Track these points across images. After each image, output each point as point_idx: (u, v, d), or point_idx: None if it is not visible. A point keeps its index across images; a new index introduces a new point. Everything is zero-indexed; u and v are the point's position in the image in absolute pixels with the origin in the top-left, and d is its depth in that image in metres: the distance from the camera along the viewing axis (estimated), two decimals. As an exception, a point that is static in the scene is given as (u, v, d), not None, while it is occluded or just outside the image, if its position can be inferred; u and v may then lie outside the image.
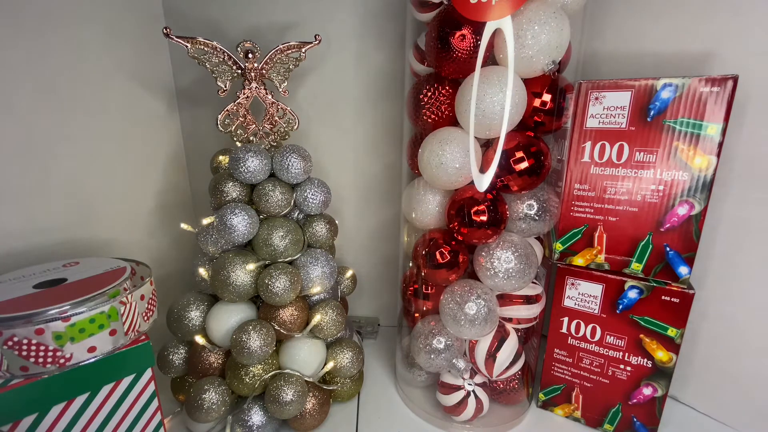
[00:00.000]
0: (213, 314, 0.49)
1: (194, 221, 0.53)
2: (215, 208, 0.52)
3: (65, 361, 0.36)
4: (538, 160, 0.43)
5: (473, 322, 0.45)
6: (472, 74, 0.41)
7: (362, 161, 0.69)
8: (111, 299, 0.38)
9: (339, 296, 0.60)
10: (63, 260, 0.46)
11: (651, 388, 0.48)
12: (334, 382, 0.55)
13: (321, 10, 0.62)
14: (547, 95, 0.43)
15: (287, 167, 0.50)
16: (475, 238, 0.45)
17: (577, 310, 0.51)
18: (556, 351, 0.53)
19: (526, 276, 0.45)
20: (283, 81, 0.55)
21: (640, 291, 0.47)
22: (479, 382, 0.51)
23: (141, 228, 0.62)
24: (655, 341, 0.47)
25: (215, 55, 0.50)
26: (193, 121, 0.69)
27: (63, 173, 0.50)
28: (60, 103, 0.49)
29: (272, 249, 0.49)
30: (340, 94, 0.66)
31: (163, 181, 0.66)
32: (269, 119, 0.55)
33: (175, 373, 0.52)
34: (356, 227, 0.72)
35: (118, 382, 0.40)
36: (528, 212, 0.45)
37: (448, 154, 0.43)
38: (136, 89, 0.60)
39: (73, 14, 0.50)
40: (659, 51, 0.51)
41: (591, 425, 0.53)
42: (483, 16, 0.39)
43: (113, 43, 0.56)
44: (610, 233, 0.48)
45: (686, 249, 0.44)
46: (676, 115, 0.42)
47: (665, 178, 0.44)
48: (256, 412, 0.49)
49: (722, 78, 0.40)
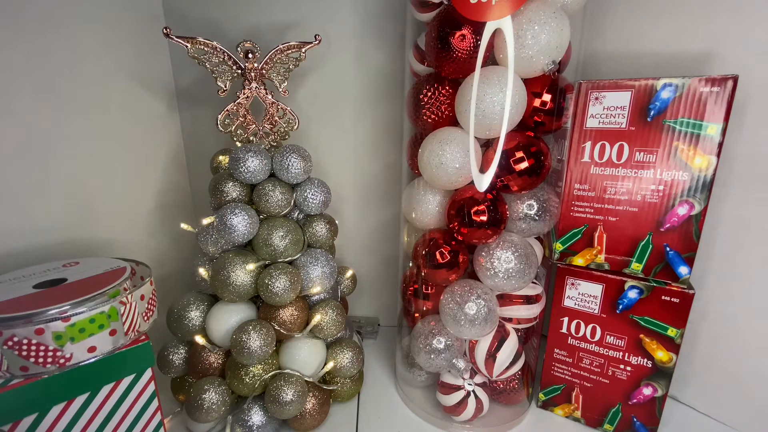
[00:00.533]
0: (213, 314, 0.49)
1: (194, 221, 0.53)
2: (215, 208, 0.52)
3: (65, 361, 0.36)
4: (538, 160, 0.43)
5: (473, 322, 0.45)
6: (472, 74, 0.41)
7: (362, 161, 0.69)
8: (111, 299, 0.38)
9: (339, 296, 0.60)
10: (63, 260, 0.46)
11: (651, 388, 0.48)
12: (334, 382, 0.55)
13: (321, 10, 0.62)
14: (547, 95, 0.43)
15: (287, 167, 0.50)
16: (475, 238, 0.45)
17: (577, 310, 0.51)
18: (556, 351, 0.53)
19: (526, 276, 0.45)
20: (283, 81, 0.55)
21: (640, 291, 0.47)
22: (479, 382, 0.51)
23: (141, 228, 0.62)
24: (655, 341, 0.47)
25: (215, 55, 0.50)
26: (193, 121, 0.69)
27: (63, 173, 0.50)
28: (60, 103, 0.49)
29: (272, 249, 0.49)
30: (340, 94, 0.66)
31: (163, 181, 0.66)
32: (269, 119, 0.55)
33: (175, 373, 0.52)
34: (356, 227, 0.72)
35: (118, 382, 0.40)
36: (528, 212, 0.45)
37: (448, 154, 0.43)
38: (136, 89, 0.60)
39: (73, 14, 0.50)
40: (659, 51, 0.51)
41: (591, 425, 0.53)
42: (483, 16, 0.39)
43: (113, 43, 0.56)
44: (610, 233, 0.48)
45: (686, 249, 0.44)
46: (676, 115, 0.42)
47: (665, 178, 0.44)
48: (256, 412, 0.49)
49: (722, 78, 0.40)
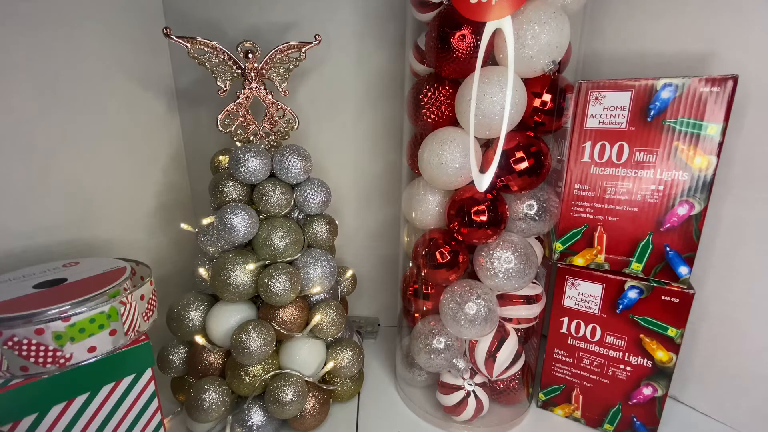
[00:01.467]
0: (213, 314, 0.49)
1: (194, 221, 0.53)
2: (215, 208, 0.52)
3: (65, 361, 0.36)
4: (538, 160, 0.43)
5: (473, 322, 0.45)
6: (472, 74, 0.41)
7: (362, 161, 0.69)
8: (111, 299, 0.38)
9: (339, 296, 0.60)
10: (63, 260, 0.46)
11: (651, 388, 0.48)
12: (334, 382, 0.55)
13: (321, 10, 0.62)
14: (547, 95, 0.43)
15: (287, 167, 0.50)
16: (475, 238, 0.45)
17: (577, 310, 0.51)
18: (556, 351, 0.53)
19: (526, 276, 0.45)
20: (283, 81, 0.55)
21: (640, 291, 0.47)
22: (479, 382, 0.51)
23: (141, 228, 0.62)
24: (655, 341, 0.47)
25: (215, 55, 0.50)
26: (193, 121, 0.69)
27: (63, 173, 0.50)
28: (60, 103, 0.49)
29: (272, 249, 0.49)
30: (340, 94, 0.66)
31: (163, 181, 0.66)
32: (269, 119, 0.55)
33: (175, 373, 0.52)
34: (356, 227, 0.72)
35: (118, 382, 0.40)
36: (528, 212, 0.45)
37: (448, 154, 0.43)
38: (136, 89, 0.60)
39: (74, 14, 0.50)
40: (659, 51, 0.51)
41: (591, 425, 0.53)
42: (483, 16, 0.39)
43: (113, 43, 0.56)
44: (610, 233, 0.48)
45: (686, 249, 0.44)
46: (676, 115, 0.42)
47: (665, 178, 0.44)
48: (256, 412, 0.49)
49: (722, 78, 0.40)
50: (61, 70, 0.49)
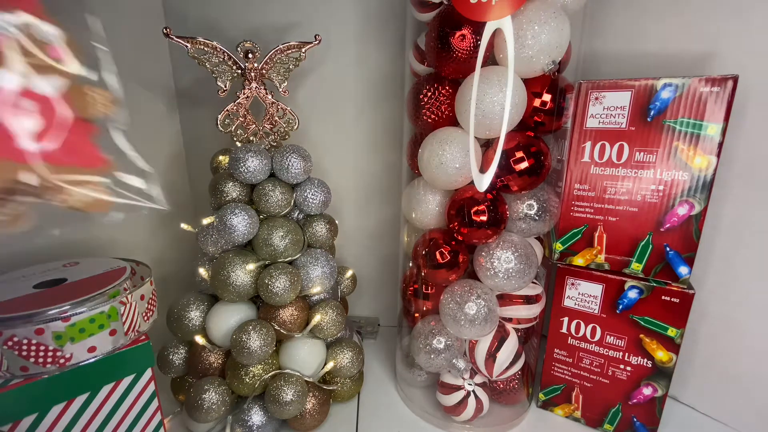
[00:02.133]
0: (213, 314, 0.49)
1: (194, 221, 0.53)
2: (215, 208, 0.52)
3: (65, 361, 0.36)
4: (538, 160, 0.43)
5: (473, 322, 0.45)
6: (472, 74, 0.41)
7: (362, 161, 0.69)
8: (111, 299, 0.38)
9: (339, 296, 0.60)
10: (63, 260, 0.46)
11: (651, 388, 0.48)
12: (334, 382, 0.55)
13: (321, 11, 0.62)
14: (547, 95, 0.43)
15: (287, 167, 0.50)
16: (475, 238, 0.45)
17: (577, 310, 0.51)
18: (556, 351, 0.53)
19: (526, 276, 0.45)
20: (283, 81, 0.55)
21: (640, 291, 0.47)
22: (479, 382, 0.51)
23: (141, 228, 0.62)
24: (655, 341, 0.47)
25: (215, 55, 0.50)
26: (193, 121, 0.69)
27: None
28: (60, 103, 0.49)
29: (272, 249, 0.49)
30: (340, 94, 0.66)
31: (163, 181, 0.66)
32: (269, 119, 0.55)
33: (175, 373, 0.52)
34: (356, 227, 0.72)
35: (118, 382, 0.40)
36: (528, 212, 0.45)
37: (448, 154, 0.43)
38: (136, 89, 0.60)
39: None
40: (659, 51, 0.51)
41: (591, 425, 0.53)
42: (483, 16, 0.39)
43: (113, 43, 0.56)
44: (610, 233, 0.48)
45: (686, 249, 0.44)
46: (676, 115, 0.42)
47: (665, 178, 0.44)
48: (256, 412, 0.49)
49: (722, 78, 0.40)
50: (61, 70, 0.49)
